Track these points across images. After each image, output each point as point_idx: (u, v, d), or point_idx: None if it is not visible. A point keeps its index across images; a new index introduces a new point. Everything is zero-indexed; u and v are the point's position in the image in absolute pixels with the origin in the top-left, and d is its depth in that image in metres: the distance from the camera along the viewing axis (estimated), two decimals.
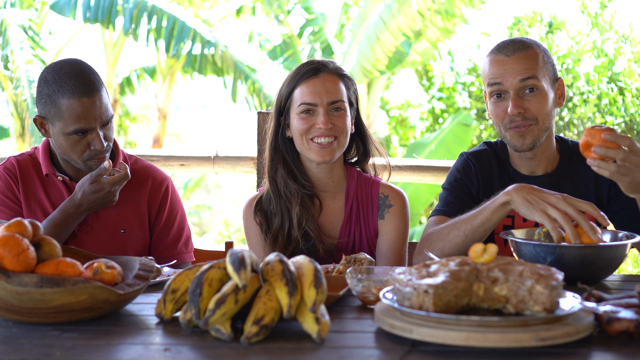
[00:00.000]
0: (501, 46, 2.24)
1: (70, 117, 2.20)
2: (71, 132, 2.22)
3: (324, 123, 2.21)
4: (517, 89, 2.19)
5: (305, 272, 1.47)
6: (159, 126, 11.42)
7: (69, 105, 2.20)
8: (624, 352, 1.35)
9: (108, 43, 10.11)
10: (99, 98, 2.23)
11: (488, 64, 2.25)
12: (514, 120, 2.19)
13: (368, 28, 8.30)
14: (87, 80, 2.22)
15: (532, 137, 2.21)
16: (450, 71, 9.54)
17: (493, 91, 2.24)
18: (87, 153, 2.26)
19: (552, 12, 9.15)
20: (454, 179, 2.35)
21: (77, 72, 2.23)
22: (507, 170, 2.33)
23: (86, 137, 2.24)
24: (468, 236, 2.04)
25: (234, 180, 16.33)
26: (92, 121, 2.22)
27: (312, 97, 2.24)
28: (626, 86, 8.11)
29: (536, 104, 2.20)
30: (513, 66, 2.19)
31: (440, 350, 1.35)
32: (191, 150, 4.29)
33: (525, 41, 2.24)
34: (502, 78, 2.20)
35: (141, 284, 1.63)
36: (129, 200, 2.42)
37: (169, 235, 2.47)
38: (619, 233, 2.01)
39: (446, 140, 8.16)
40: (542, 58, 2.22)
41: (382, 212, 2.34)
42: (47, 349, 1.38)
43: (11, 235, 1.54)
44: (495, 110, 2.25)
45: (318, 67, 2.27)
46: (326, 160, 2.26)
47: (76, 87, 2.20)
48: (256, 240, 2.33)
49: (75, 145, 2.25)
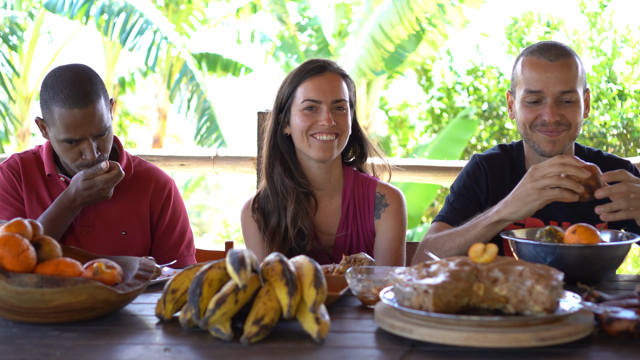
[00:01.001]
0: (543, 49, 2.18)
1: (61, 125, 2.19)
2: (62, 140, 2.22)
3: (327, 120, 2.22)
4: (555, 97, 2.15)
5: (305, 272, 1.47)
6: (159, 126, 11.41)
7: (60, 114, 2.18)
8: (624, 352, 1.35)
9: (107, 43, 10.10)
10: (92, 110, 2.19)
11: (527, 66, 2.18)
12: (548, 125, 2.16)
13: (370, 28, 8.30)
14: (82, 90, 2.18)
15: (562, 143, 2.18)
16: (449, 71, 9.55)
17: (529, 97, 2.17)
18: (79, 161, 2.25)
19: (550, 11, 9.15)
20: (462, 183, 2.32)
21: (75, 81, 2.19)
22: (522, 174, 2.30)
23: (78, 146, 2.23)
24: (462, 249, 2.04)
25: (234, 180, 16.32)
26: (82, 132, 2.20)
27: (317, 94, 2.24)
28: (624, 89, 8.11)
29: (572, 113, 2.17)
30: (556, 74, 2.14)
31: (440, 350, 1.35)
32: (191, 150, 4.29)
33: (566, 48, 2.20)
34: (543, 85, 2.15)
35: (141, 284, 1.63)
36: (132, 202, 2.42)
37: (171, 238, 2.46)
38: (619, 233, 2.01)
39: (445, 141, 8.16)
40: (580, 68, 2.19)
41: (378, 211, 2.34)
42: (47, 349, 1.38)
43: (11, 235, 1.54)
44: (527, 114, 2.18)
45: (323, 66, 2.28)
46: (325, 157, 2.26)
47: (69, 97, 2.17)
48: (254, 241, 2.34)
49: (67, 152, 2.24)
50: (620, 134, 7.98)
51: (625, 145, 8.03)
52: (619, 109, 7.93)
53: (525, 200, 1.93)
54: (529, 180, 1.92)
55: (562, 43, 2.23)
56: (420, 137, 9.78)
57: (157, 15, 8.01)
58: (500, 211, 1.97)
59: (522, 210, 1.94)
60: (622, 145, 8.05)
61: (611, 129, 7.95)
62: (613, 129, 7.95)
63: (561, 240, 1.93)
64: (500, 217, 1.97)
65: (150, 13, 7.86)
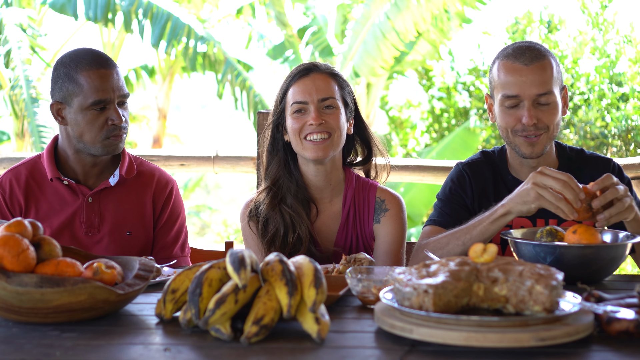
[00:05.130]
0: (517, 53, 2.20)
1: (90, 88, 2.26)
2: (90, 105, 2.26)
3: (314, 119, 2.22)
4: (533, 100, 2.17)
5: (305, 272, 1.47)
6: (159, 126, 11.42)
7: (87, 77, 2.26)
8: (624, 352, 1.35)
9: (107, 43, 10.11)
10: (116, 72, 2.31)
11: (503, 70, 2.21)
12: (527, 129, 2.18)
13: (371, 28, 8.30)
14: (103, 56, 2.33)
15: (542, 145, 2.20)
16: (450, 71, 9.54)
17: (507, 102, 2.20)
18: (106, 129, 2.29)
19: (551, 11, 9.15)
20: (448, 189, 2.35)
21: (93, 51, 2.34)
22: (505, 179, 2.32)
23: (104, 113, 2.28)
24: (467, 246, 2.04)
25: (234, 180, 16.33)
26: (111, 92, 2.27)
27: (303, 95, 2.25)
28: (629, 88, 8.10)
29: (549, 114, 2.19)
30: (531, 77, 2.16)
31: (440, 350, 1.35)
32: (191, 150, 4.29)
33: (540, 49, 2.21)
34: (519, 90, 2.17)
35: (141, 284, 1.63)
36: (135, 202, 2.42)
37: (167, 236, 2.46)
38: (619, 233, 2.01)
39: (452, 145, 8.17)
40: (555, 68, 2.21)
41: (378, 216, 2.34)
42: (47, 349, 1.38)
43: (11, 235, 1.54)
44: (506, 118, 2.22)
45: (309, 68, 2.30)
46: (319, 157, 2.25)
47: (94, 60, 2.29)
48: (252, 242, 2.33)
49: (94, 122, 2.28)
50: (621, 135, 7.97)
51: (625, 146, 8.02)
52: (623, 110, 7.92)
53: (525, 198, 1.95)
54: (532, 180, 1.94)
55: (536, 44, 2.24)
56: (420, 136, 9.78)
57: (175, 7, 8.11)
58: (506, 204, 2.01)
59: (522, 207, 1.97)
60: (622, 145, 8.05)
61: (612, 130, 7.95)
62: (614, 130, 7.94)
63: (561, 240, 1.93)
64: (506, 209, 2.00)
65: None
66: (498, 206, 2.03)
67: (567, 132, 8.22)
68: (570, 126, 8.19)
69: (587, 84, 8.33)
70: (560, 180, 1.90)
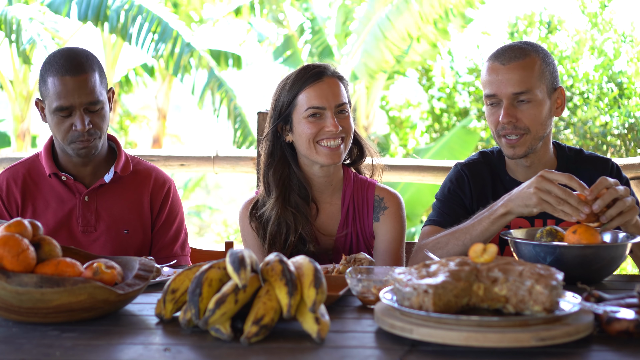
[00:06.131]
0: (499, 52, 2.22)
1: (53, 94, 2.25)
2: (54, 110, 2.26)
3: (334, 125, 2.21)
4: (510, 99, 2.18)
5: (305, 272, 1.47)
6: (159, 126, 11.42)
7: (52, 82, 2.25)
8: (624, 352, 1.34)
9: (107, 43, 10.11)
10: (84, 79, 2.24)
11: (485, 70, 2.24)
12: (506, 128, 2.18)
13: (373, 28, 8.30)
14: (75, 61, 2.26)
15: (524, 147, 2.20)
16: (450, 71, 9.54)
17: (488, 101, 2.23)
18: (70, 134, 2.28)
19: (551, 12, 9.15)
20: (447, 190, 2.35)
21: (70, 54, 2.28)
22: (503, 180, 2.32)
23: (69, 118, 2.27)
24: (467, 246, 2.04)
25: (234, 180, 16.33)
26: (72, 99, 2.24)
27: (320, 100, 2.23)
28: (629, 86, 8.10)
29: (529, 115, 2.18)
30: (508, 76, 2.17)
31: (440, 350, 1.35)
32: (191, 150, 4.29)
33: (525, 48, 2.21)
34: (496, 89, 2.19)
35: (141, 284, 1.63)
36: (132, 200, 2.42)
37: (167, 236, 2.47)
38: (619, 233, 2.01)
39: (450, 144, 8.16)
40: (539, 67, 2.19)
41: (377, 214, 2.34)
42: (47, 349, 1.38)
43: (11, 235, 1.54)
44: (489, 118, 2.25)
45: (321, 71, 2.26)
46: (335, 162, 2.25)
47: (62, 66, 2.25)
48: (252, 242, 2.33)
49: (59, 127, 2.28)
50: (621, 134, 7.98)
51: (625, 146, 8.02)
52: (625, 107, 7.92)
53: (527, 202, 1.95)
54: (535, 184, 1.93)
55: (525, 43, 2.24)
56: (420, 136, 9.78)
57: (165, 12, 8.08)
58: (507, 204, 2.00)
59: (523, 210, 1.97)
60: (622, 145, 8.05)
61: (612, 129, 7.95)
62: (614, 129, 7.95)
63: (561, 240, 1.93)
64: (507, 210, 2.00)
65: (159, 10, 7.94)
66: (498, 205, 2.03)
67: (567, 132, 8.22)
68: (571, 126, 8.20)
69: (587, 83, 8.33)
70: (562, 189, 1.89)
